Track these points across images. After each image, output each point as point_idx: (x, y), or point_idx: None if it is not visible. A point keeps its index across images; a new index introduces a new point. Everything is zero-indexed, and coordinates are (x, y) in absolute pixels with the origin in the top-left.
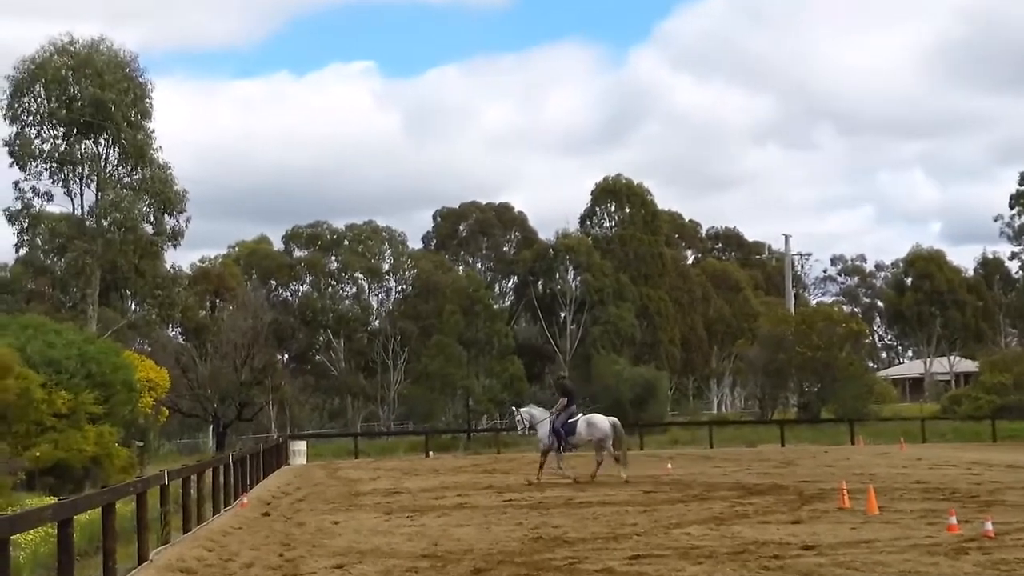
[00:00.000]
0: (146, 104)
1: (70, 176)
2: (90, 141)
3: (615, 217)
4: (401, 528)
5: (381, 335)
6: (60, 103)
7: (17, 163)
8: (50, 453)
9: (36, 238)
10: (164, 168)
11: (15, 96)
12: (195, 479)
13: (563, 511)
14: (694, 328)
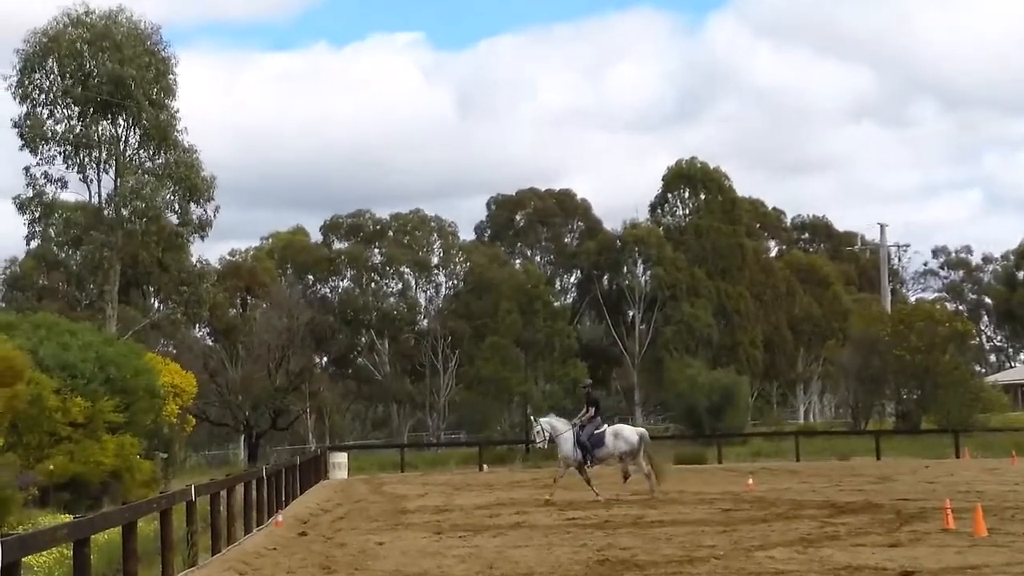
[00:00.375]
0: (169, 81)
1: (86, 160)
2: (108, 122)
3: (689, 205)
4: (453, 549)
5: (430, 336)
6: (75, 80)
7: (28, 146)
8: (65, 466)
9: (49, 229)
10: (190, 151)
11: (25, 72)
12: (225, 495)
13: (632, 531)
14: (778, 328)
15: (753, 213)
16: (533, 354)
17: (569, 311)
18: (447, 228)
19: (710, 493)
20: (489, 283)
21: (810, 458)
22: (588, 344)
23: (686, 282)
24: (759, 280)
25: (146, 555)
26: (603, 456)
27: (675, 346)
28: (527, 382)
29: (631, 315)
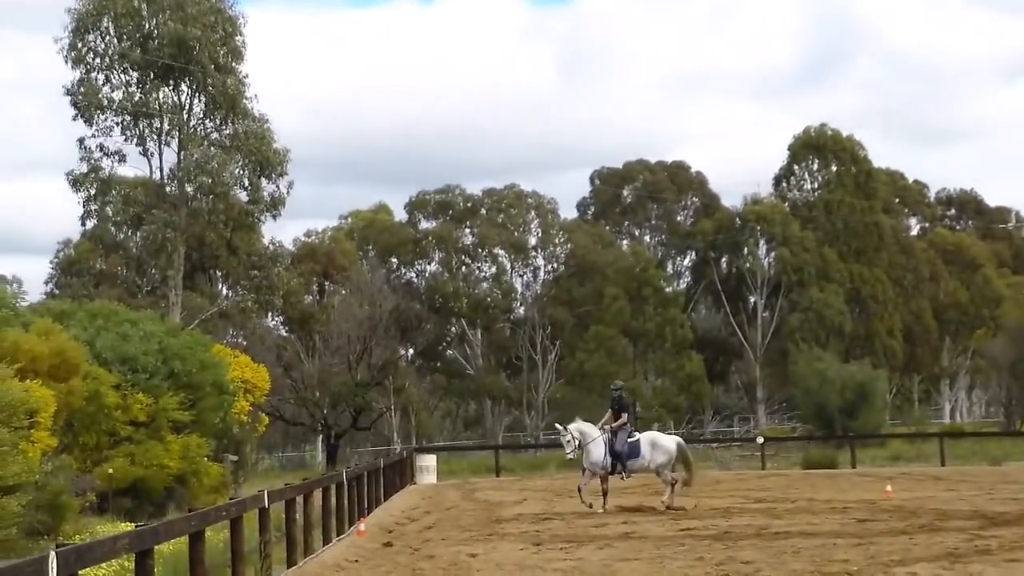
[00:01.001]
0: (237, 43)
1: (146, 131)
2: (170, 88)
3: (818, 178)
4: (553, 562)
5: (527, 325)
6: (133, 42)
7: (82, 116)
8: (126, 469)
9: (106, 207)
10: (260, 121)
11: (78, 34)
12: (301, 501)
13: (754, 543)
14: (920, 316)
15: (891, 187)
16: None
17: (683, 297)
18: (546, 205)
19: (843, 501)
20: (593, 266)
21: (957, 462)
22: (704, 334)
23: (815, 264)
24: (898, 262)
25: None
26: (637, 468)
27: (802, 336)
28: (636, 376)
29: (752, 302)
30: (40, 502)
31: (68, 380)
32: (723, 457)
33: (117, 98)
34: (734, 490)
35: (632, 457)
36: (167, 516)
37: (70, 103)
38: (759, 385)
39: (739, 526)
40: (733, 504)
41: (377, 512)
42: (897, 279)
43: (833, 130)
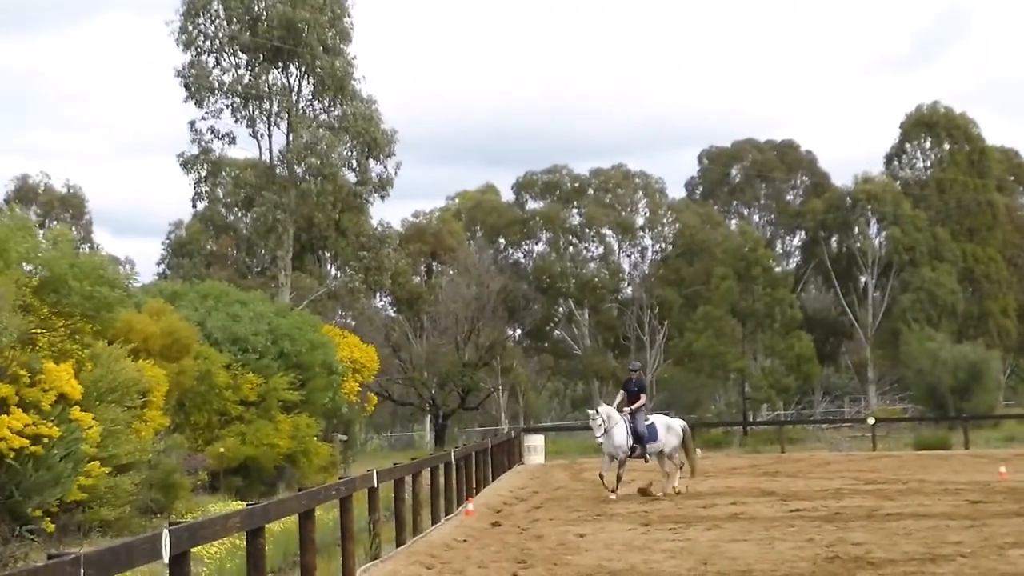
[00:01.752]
0: (345, 24)
1: (256, 113)
2: (279, 71)
3: (931, 156)
4: (662, 543)
5: (635, 305)
6: (243, 24)
7: (193, 98)
8: (236, 449)
9: (217, 189)
10: (368, 102)
11: (189, 16)
12: (410, 481)
13: (865, 525)
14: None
15: (1006, 164)
16: (751, 325)
17: (792, 277)
18: (653, 185)
19: (956, 483)
20: (701, 246)
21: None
22: (814, 314)
23: (927, 244)
24: (1013, 241)
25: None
26: (654, 450)
27: (914, 316)
28: (744, 357)
29: (863, 281)
30: (153, 481)
31: (180, 360)
32: (833, 438)
33: (227, 80)
34: (844, 471)
35: (651, 440)
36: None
37: (181, 85)
38: (870, 366)
39: (850, 507)
40: (843, 485)
41: (485, 492)
42: (1011, 258)
43: (946, 107)
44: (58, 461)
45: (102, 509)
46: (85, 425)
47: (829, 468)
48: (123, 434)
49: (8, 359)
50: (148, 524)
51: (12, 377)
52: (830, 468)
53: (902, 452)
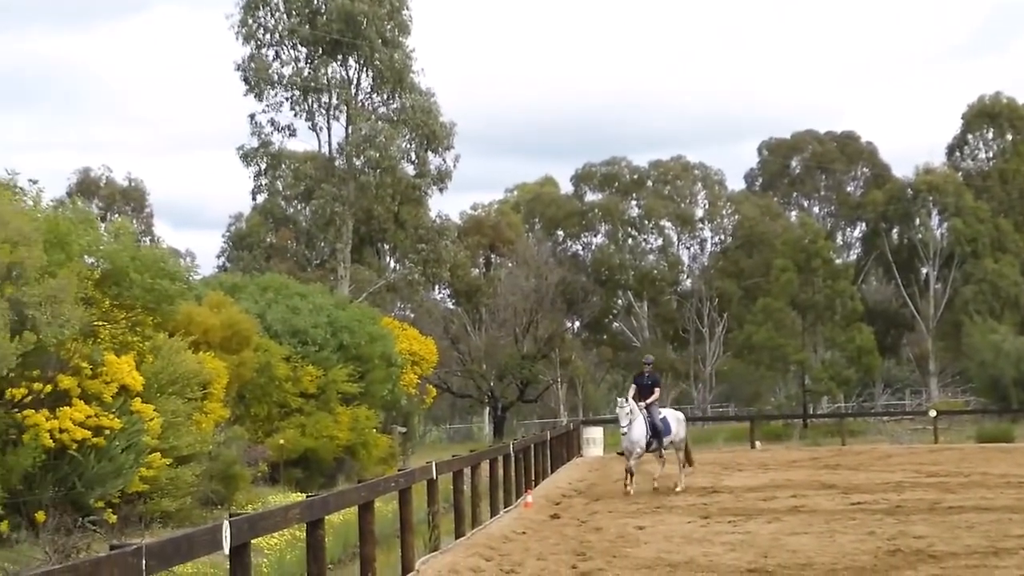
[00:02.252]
0: (404, 17)
1: (315, 106)
2: (338, 63)
3: (993, 147)
4: (721, 536)
5: (694, 297)
6: (302, 17)
7: (253, 91)
8: (296, 440)
9: (276, 182)
10: (426, 95)
11: (249, 10)
12: (469, 473)
13: (927, 518)
14: None
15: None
16: (811, 318)
17: (852, 269)
18: (713, 177)
19: (1018, 476)
20: (761, 238)
21: None
22: (874, 306)
23: (989, 235)
24: None
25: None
26: (667, 443)
27: (976, 308)
28: (804, 349)
29: (925, 273)
30: (213, 472)
31: (239, 352)
32: (894, 431)
33: (286, 73)
34: (906, 464)
35: (666, 433)
36: (337, 487)
37: (241, 79)
38: (931, 358)
39: (911, 500)
40: (905, 478)
41: (544, 484)
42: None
43: (1008, 98)
44: (120, 453)
45: (163, 500)
46: (146, 417)
47: (890, 461)
48: (184, 426)
49: (70, 351)
50: (208, 515)
51: (74, 369)
52: (891, 461)
53: (964, 445)
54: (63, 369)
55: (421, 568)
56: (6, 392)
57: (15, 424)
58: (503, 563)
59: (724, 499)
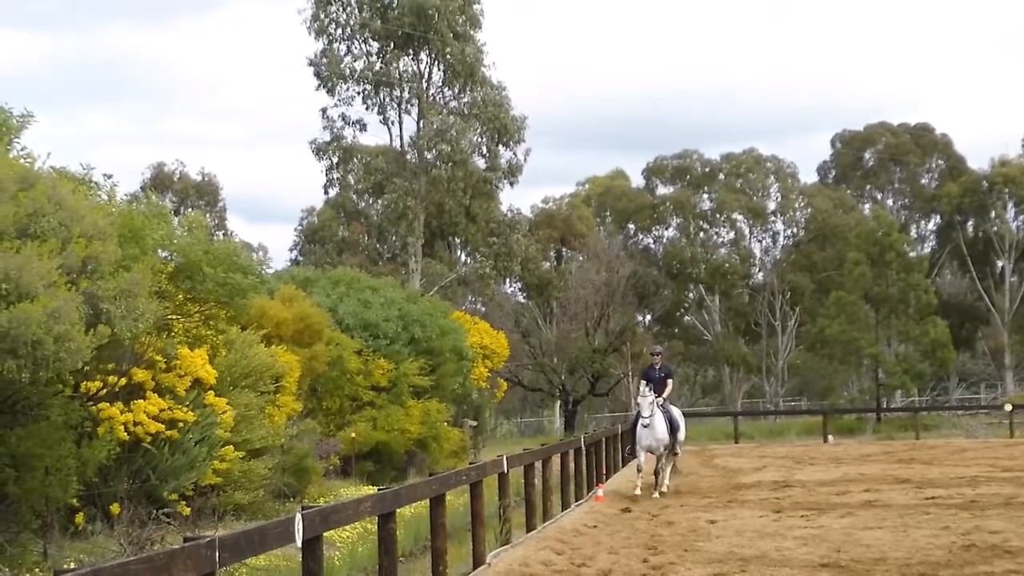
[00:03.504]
0: (475, 11)
1: (387, 100)
2: (409, 58)
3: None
4: (794, 530)
5: (766, 291)
6: (373, 11)
7: (324, 86)
8: (368, 434)
9: (348, 176)
10: (498, 89)
11: (321, 5)
12: (540, 467)
13: (1003, 513)
14: None
15: None
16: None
17: (927, 262)
18: (785, 170)
19: None
20: (834, 231)
21: None
22: (949, 299)
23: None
24: None
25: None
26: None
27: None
28: (878, 343)
29: (1000, 266)
30: (286, 465)
31: (311, 345)
32: (969, 425)
33: (358, 68)
34: (981, 458)
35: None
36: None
37: (313, 74)
38: (1007, 351)
39: (986, 495)
40: (980, 473)
41: (615, 478)
42: None
43: None
44: (193, 445)
45: (236, 493)
46: (219, 410)
47: (965, 455)
48: (256, 419)
49: (144, 345)
50: (281, 508)
51: (148, 363)
52: (966, 455)
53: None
54: (137, 362)
55: (492, 561)
56: (81, 385)
57: (90, 417)
58: (574, 557)
59: (796, 493)
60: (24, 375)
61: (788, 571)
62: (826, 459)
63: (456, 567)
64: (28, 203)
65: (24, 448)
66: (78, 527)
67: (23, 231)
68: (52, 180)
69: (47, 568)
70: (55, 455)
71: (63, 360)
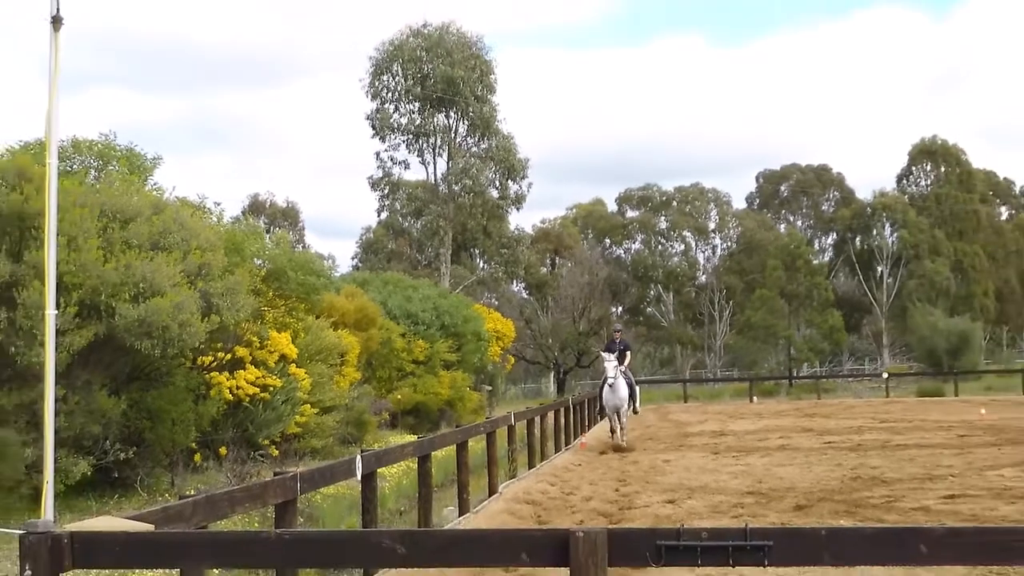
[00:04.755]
0: (491, 80)
1: (424, 147)
2: (441, 115)
3: (931, 176)
4: (727, 467)
5: (708, 289)
6: (415, 81)
7: (378, 135)
8: (410, 396)
9: (395, 203)
10: (508, 138)
11: (376, 75)
12: (539, 421)
13: (880, 453)
14: (1008, 281)
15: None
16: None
17: (826, 268)
18: (722, 199)
19: (948, 421)
20: (758, 245)
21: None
22: (842, 296)
23: (927, 243)
24: (991, 240)
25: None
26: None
27: (918, 297)
28: (790, 328)
29: (880, 271)
30: (349, 419)
31: (367, 330)
32: (856, 388)
33: (403, 122)
34: (864, 413)
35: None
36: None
37: (370, 126)
38: (884, 334)
39: (868, 440)
40: (864, 424)
41: (594, 429)
42: (990, 253)
43: (942, 140)
44: (280, 404)
45: (312, 439)
46: (300, 378)
47: (853, 411)
48: (327, 385)
49: (244, 329)
50: (345, 451)
51: (247, 342)
52: (854, 411)
53: (907, 399)
54: (239, 342)
55: (503, 491)
56: (198, 359)
57: (204, 383)
58: (564, 487)
59: (729, 440)
60: (156, 351)
61: (723, 497)
62: (751, 414)
63: (476, 495)
64: (159, 224)
65: (156, 406)
66: (196, 464)
67: (155, 245)
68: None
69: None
70: (179, 411)
71: (185, 340)
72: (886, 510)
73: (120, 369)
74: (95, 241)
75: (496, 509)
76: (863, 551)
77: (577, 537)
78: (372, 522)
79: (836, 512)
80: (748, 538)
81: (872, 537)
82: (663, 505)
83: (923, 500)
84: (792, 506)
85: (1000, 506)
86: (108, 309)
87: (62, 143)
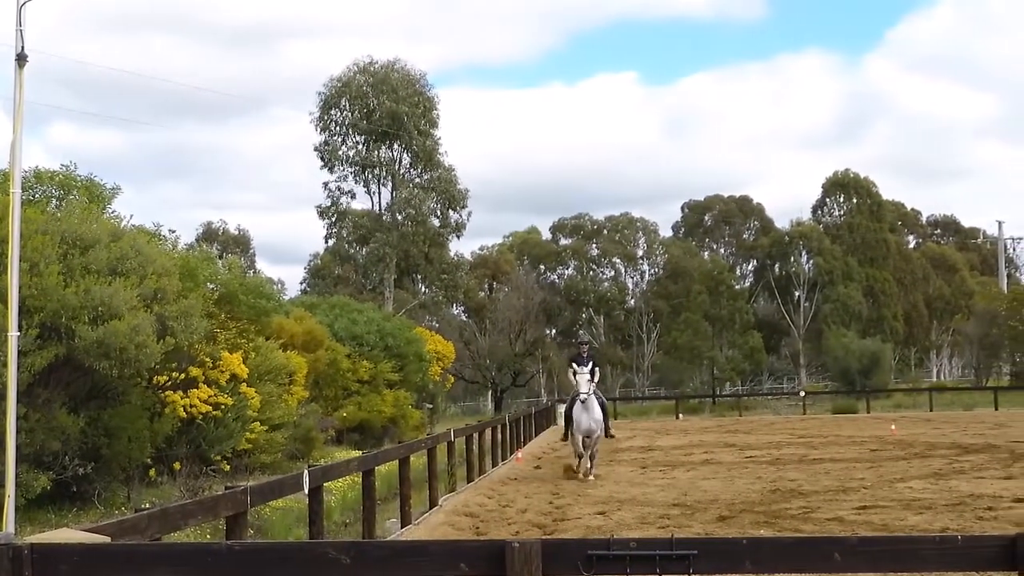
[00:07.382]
0: (434, 115)
1: (370, 177)
2: (386, 147)
3: (844, 207)
4: (655, 480)
5: (636, 312)
6: (362, 115)
7: (326, 166)
8: (355, 414)
9: (342, 231)
10: (449, 170)
11: (325, 109)
12: (477, 437)
13: (798, 467)
14: (915, 305)
15: (896, 213)
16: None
17: (747, 292)
18: (650, 227)
19: (861, 437)
20: (683, 271)
21: (941, 409)
22: (762, 318)
23: (841, 269)
24: (900, 267)
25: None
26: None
27: (832, 320)
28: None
29: (797, 295)
30: (297, 436)
31: (315, 351)
32: (775, 406)
33: (350, 154)
34: (783, 429)
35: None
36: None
37: (318, 157)
38: (801, 355)
39: (787, 455)
40: (783, 439)
41: (530, 445)
42: (899, 279)
43: (854, 173)
44: (232, 421)
45: (262, 455)
46: (250, 397)
47: (773, 427)
48: (276, 403)
49: (198, 350)
50: (293, 466)
51: (200, 363)
52: (773, 427)
53: (823, 415)
54: (192, 363)
55: (443, 503)
56: (154, 379)
57: (160, 401)
58: (501, 500)
59: (656, 455)
60: (114, 371)
61: (651, 508)
62: (677, 431)
63: (418, 507)
64: (117, 250)
65: (113, 423)
66: (151, 479)
67: (113, 270)
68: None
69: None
70: (135, 428)
71: (141, 361)
72: (803, 520)
73: (79, 388)
74: (56, 267)
75: (436, 521)
76: (782, 559)
77: (513, 548)
78: (319, 534)
79: (757, 522)
80: (674, 547)
81: (790, 546)
82: (594, 517)
83: (837, 511)
84: (715, 517)
85: (909, 516)
86: (68, 331)
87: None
